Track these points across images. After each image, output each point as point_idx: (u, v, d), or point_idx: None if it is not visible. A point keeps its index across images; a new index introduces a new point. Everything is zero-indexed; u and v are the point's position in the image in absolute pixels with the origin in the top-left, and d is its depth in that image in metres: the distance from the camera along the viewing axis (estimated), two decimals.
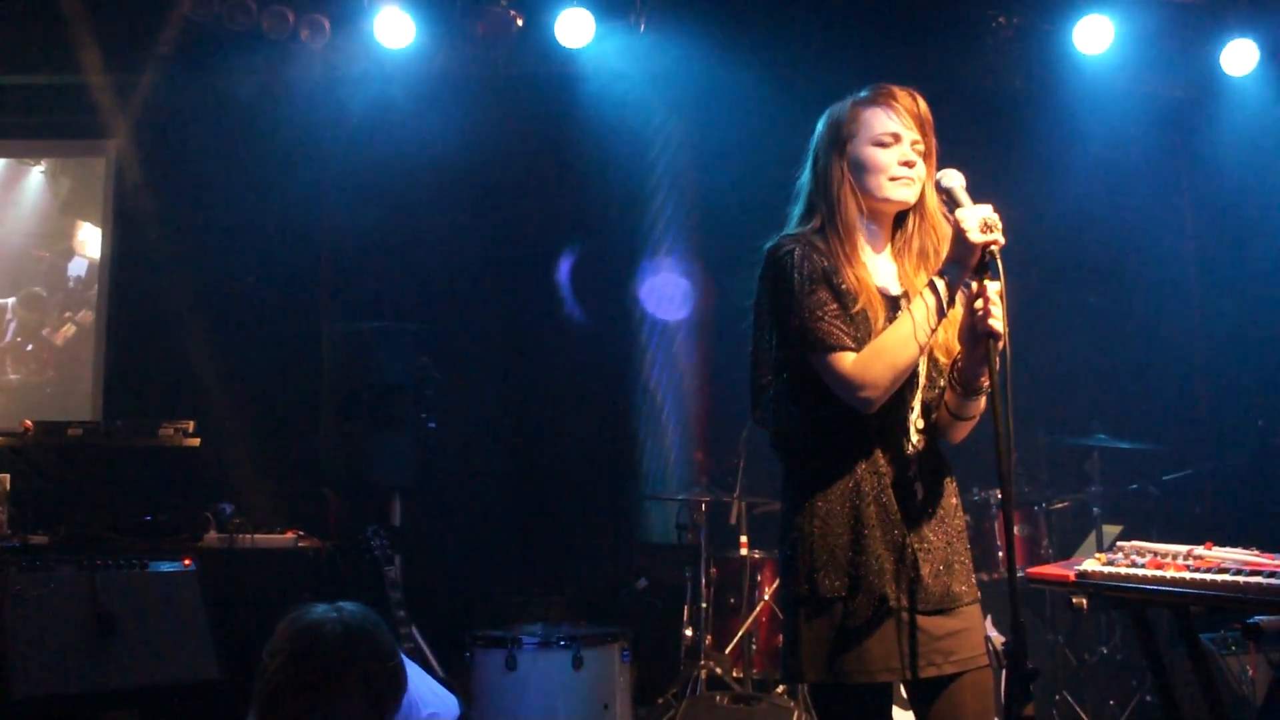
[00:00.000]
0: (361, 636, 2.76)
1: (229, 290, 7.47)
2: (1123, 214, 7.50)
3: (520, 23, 7.10)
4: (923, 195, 2.91)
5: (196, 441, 6.38)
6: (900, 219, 2.96)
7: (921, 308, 2.73)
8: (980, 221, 2.68)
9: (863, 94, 2.92)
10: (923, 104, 2.89)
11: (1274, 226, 7.18)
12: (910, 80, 2.95)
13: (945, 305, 2.73)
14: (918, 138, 2.88)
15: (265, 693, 2.71)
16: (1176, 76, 7.46)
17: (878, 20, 7.21)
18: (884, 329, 2.77)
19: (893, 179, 2.86)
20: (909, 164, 2.86)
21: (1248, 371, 7.23)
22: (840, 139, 2.90)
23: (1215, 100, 7.43)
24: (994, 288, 2.69)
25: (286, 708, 2.69)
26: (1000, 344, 2.66)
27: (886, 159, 2.85)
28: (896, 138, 2.86)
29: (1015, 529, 6.02)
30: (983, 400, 2.87)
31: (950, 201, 2.79)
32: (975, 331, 2.73)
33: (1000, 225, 2.68)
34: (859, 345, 2.76)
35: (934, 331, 2.75)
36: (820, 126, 2.96)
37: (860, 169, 2.88)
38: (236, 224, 7.48)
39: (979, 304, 2.70)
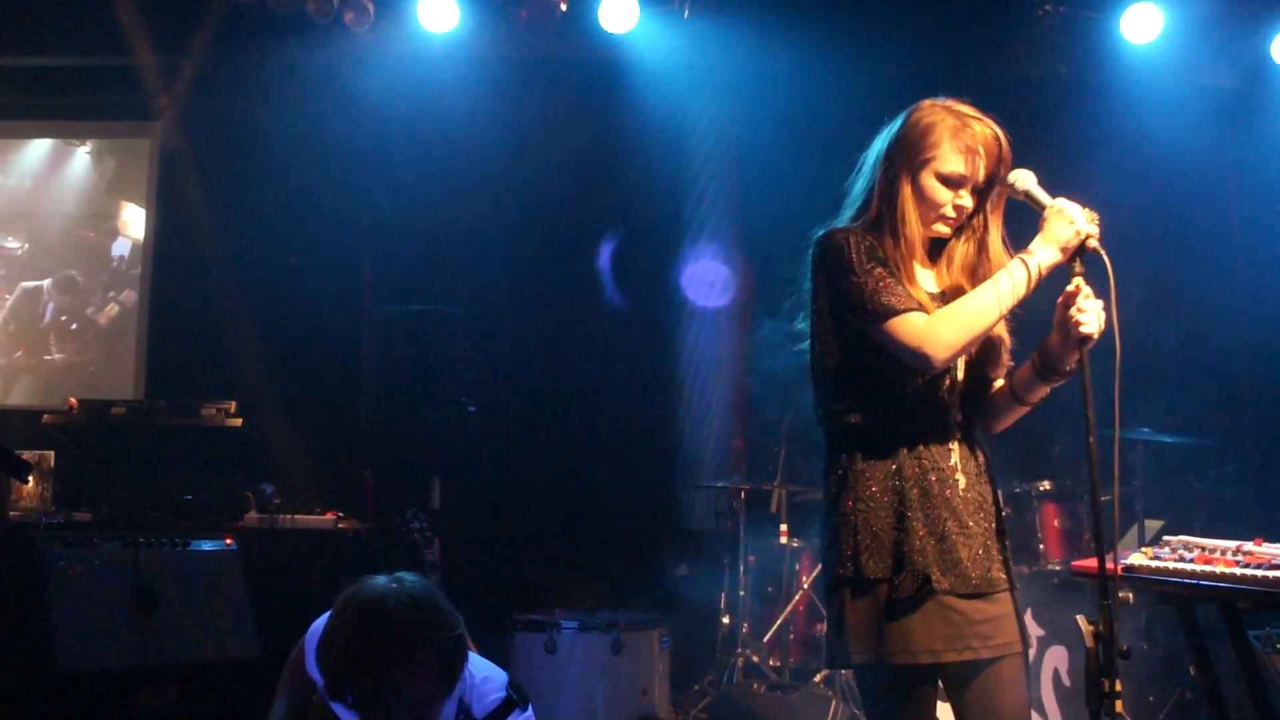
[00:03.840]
0: (427, 606, 2.71)
1: (271, 271, 7.53)
2: (1168, 205, 7.41)
3: (564, 7, 7.11)
4: (979, 209, 2.92)
5: (238, 421, 6.43)
6: None
7: (1007, 280, 2.74)
8: (1085, 212, 2.68)
9: (950, 117, 2.86)
10: (1004, 142, 2.87)
11: None
12: (954, 68, 2.94)
13: (1031, 283, 2.73)
14: (981, 179, 2.86)
15: (336, 671, 2.64)
16: (1225, 66, 7.34)
17: (923, 6, 7.14)
18: None
19: (940, 217, 2.89)
20: (961, 209, 2.88)
21: None
22: (913, 156, 2.87)
23: (1265, 90, 7.32)
24: (1087, 290, 2.72)
25: (360, 685, 2.63)
26: (1117, 345, 2.71)
27: (945, 197, 2.87)
28: (962, 181, 2.85)
29: (1056, 522, 6.03)
30: (1047, 390, 2.92)
31: (1031, 200, 2.81)
32: (1067, 325, 2.75)
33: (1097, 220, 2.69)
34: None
35: (1014, 306, 2.75)
36: (900, 126, 2.91)
37: (920, 194, 2.88)
38: (279, 206, 7.52)
39: (1074, 299, 2.72)
